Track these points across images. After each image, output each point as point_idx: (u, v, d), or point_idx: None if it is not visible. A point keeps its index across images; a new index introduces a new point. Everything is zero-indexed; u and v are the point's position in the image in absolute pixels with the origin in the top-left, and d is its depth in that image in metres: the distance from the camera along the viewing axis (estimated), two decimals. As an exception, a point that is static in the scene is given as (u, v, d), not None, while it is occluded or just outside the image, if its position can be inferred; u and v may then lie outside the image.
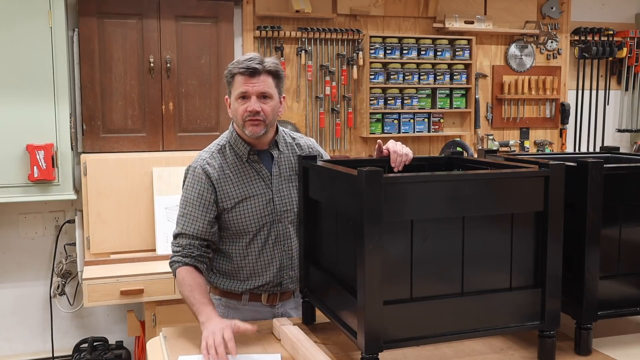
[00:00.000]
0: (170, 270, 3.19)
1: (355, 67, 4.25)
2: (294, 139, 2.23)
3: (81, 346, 3.73)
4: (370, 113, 4.29)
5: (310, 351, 1.71)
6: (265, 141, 2.13)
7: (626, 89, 5.04)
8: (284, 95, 2.15)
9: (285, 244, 2.14)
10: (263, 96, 2.03)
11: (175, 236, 2.11)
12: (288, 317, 2.12)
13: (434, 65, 4.40)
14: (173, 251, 2.10)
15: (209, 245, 2.10)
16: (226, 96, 2.14)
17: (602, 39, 4.85)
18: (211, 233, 2.08)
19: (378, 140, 2.04)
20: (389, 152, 2.00)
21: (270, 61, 2.05)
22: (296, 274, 2.12)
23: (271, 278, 2.13)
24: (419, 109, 4.41)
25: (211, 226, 2.08)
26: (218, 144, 2.17)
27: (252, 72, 2.01)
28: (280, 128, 2.21)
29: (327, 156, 2.28)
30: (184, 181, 2.15)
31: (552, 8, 4.73)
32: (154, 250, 3.49)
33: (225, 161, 2.12)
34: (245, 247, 2.12)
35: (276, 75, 2.06)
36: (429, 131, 4.46)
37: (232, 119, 2.14)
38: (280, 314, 2.17)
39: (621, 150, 2.31)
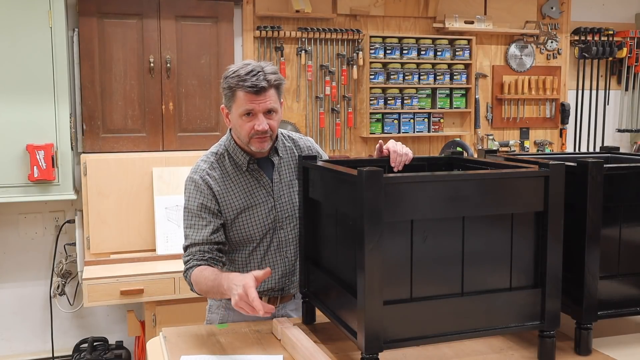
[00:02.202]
0: (169, 270, 3.24)
1: (355, 67, 4.25)
2: (293, 140, 2.20)
3: (81, 346, 3.73)
4: (370, 113, 4.29)
5: (310, 351, 1.71)
6: (265, 149, 2.08)
7: (626, 89, 5.04)
8: (282, 100, 2.07)
9: (288, 250, 2.13)
10: (269, 111, 1.98)
11: (185, 248, 2.05)
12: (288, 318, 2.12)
13: (434, 65, 4.40)
14: (184, 262, 2.03)
15: (220, 249, 2.04)
16: (222, 105, 2.05)
17: (602, 39, 4.85)
18: (220, 236, 2.04)
19: (380, 141, 2.03)
20: (389, 152, 1.99)
21: (273, 74, 1.97)
22: (297, 278, 2.11)
23: (273, 285, 2.13)
24: (419, 109, 4.41)
25: (219, 231, 2.04)
26: (216, 153, 2.11)
27: (258, 91, 1.93)
28: (279, 130, 2.15)
29: (325, 156, 2.27)
30: (185, 193, 2.10)
31: (552, 8, 4.73)
32: (154, 250, 3.49)
33: (226, 171, 2.08)
34: (248, 255, 2.11)
35: (279, 87, 2.00)
36: (429, 131, 4.46)
37: (230, 128, 2.09)
38: (280, 315, 2.16)
39: (621, 150, 2.31)
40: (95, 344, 3.66)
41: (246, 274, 1.79)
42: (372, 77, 4.26)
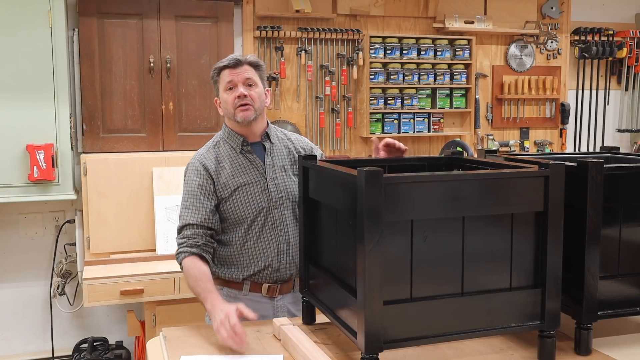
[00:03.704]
0: (169, 270, 3.24)
1: (355, 67, 4.25)
2: (285, 134, 2.38)
3: (81, 346, 3.73)
4: (370, 113, 4.29)
5: (310, 351, 1.71)
6: (257, 132, 2.27)
7: (626, 89, 5.04)
8: (268, 88, 2.33)
9: (282, 229, 2.24)
10: (248, 84, 2.21)
11: (180, 229, 2.18)
12: (287, 311, 2.26)
13: (434, 65, 4.40)
14: (178, 244, 2.16)
15: (212, 235, 2.18)
16: (215, 98, 2.30)
17: (602, 39, 4.86)
18: (213, 221, 2.18)
19: (372, 138, 2.10)
20: (385, 146, 2.09)
21: (250, 55, 2.27)
22: (294, 260, 2.23)
23: (269, 262, 2.22)
24: (419, 109, 4.41)
25: (213, 214, 2.18)
26: (213, 141, 2.31)
27: (235, 64, 2.20)
28: (272, 126, 2.35)
29: (318, 151, 2.43)
30: (184, 178, 2.26)
31: (552, 8, 4.73)
32: (154, 250, 3.49)
33: (221, 154, 2.25)
34: (244, 234, 2.22)
35: (257, 66, 2.25)
36: (429, 131, 4.46)
37: (223, 116, 2.29)
38: (279, 306, 2.26)
39: (621, 150, 2.31)
40: (95, 344, 3.66)
41: (230, 304, 1.93)
42: (372, 77, 4.26)
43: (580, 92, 4.93)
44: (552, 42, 4.74)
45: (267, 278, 2.24)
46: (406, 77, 4.33)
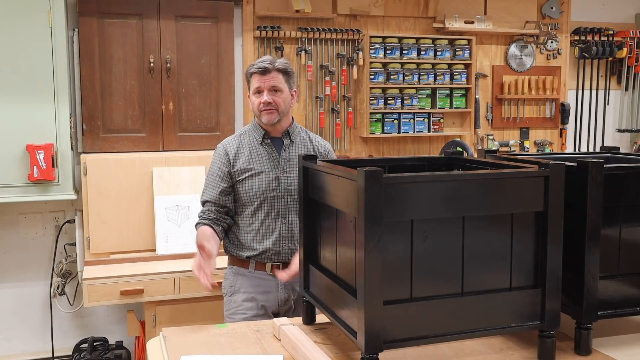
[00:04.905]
0: (169, 270, 3.26)
1: (355, 67, 4.25)
2: (308, 134, 2.62)
3: (81, 346, 3.73)
4: (370, 113, 4.29)
5: (310, 351, 1.71)
6: (280, 129, 2.53)
7: (626, 89, 5.04)
8: (295, 89, 2.56)
9: (287, 218, 2.50)
10: (274, 90, 2.45)
11: (202, 203, 2.55)
12: (291, 289, 2.52)
13: (434, 65, 4.40)
14: (198, 215, 2.54)
15: (226, 212, 2.52)
16: (248, 94, 2.56)
17: (602, 39, 4.86)
18: (226, 200, 2.51)
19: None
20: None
21: (280, 61, 2.48)
22: (295, 247, 2.49)
23: (270, 245, 2.49)
24: (419, 109, 4.41)
25: (226, 194, 2.50)
26: (241, 131, 2.61)
27: (263, 71, 2.44)
28: (299, 125, 2.61)
29: (334, 157, 2.64)
30: (212, 160, 2.59)
31: (552, 8, 4.73)
32: (154, 250, 3.49)
33: (243, 142, 2.54)
34: (251, 216, 2.50)
35: (285, 72, 2.48)
36: (429, 131, 4.46)
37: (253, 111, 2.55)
38: (282, 284, 2.51)
39: (621, 150, 2.31)
40: (95, 344, 3.66)
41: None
42: (372, 77, 4.26)
43: (580, 92, 4.94)
44: (552, 42, 4.74)
45: (269, 259, 2.51)
46: (406, 77, 4.33)
